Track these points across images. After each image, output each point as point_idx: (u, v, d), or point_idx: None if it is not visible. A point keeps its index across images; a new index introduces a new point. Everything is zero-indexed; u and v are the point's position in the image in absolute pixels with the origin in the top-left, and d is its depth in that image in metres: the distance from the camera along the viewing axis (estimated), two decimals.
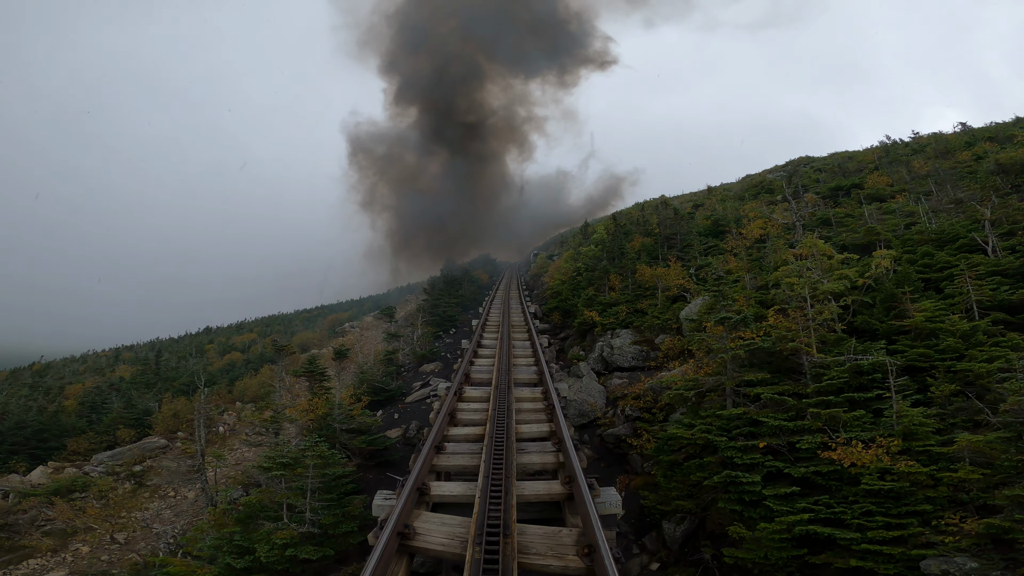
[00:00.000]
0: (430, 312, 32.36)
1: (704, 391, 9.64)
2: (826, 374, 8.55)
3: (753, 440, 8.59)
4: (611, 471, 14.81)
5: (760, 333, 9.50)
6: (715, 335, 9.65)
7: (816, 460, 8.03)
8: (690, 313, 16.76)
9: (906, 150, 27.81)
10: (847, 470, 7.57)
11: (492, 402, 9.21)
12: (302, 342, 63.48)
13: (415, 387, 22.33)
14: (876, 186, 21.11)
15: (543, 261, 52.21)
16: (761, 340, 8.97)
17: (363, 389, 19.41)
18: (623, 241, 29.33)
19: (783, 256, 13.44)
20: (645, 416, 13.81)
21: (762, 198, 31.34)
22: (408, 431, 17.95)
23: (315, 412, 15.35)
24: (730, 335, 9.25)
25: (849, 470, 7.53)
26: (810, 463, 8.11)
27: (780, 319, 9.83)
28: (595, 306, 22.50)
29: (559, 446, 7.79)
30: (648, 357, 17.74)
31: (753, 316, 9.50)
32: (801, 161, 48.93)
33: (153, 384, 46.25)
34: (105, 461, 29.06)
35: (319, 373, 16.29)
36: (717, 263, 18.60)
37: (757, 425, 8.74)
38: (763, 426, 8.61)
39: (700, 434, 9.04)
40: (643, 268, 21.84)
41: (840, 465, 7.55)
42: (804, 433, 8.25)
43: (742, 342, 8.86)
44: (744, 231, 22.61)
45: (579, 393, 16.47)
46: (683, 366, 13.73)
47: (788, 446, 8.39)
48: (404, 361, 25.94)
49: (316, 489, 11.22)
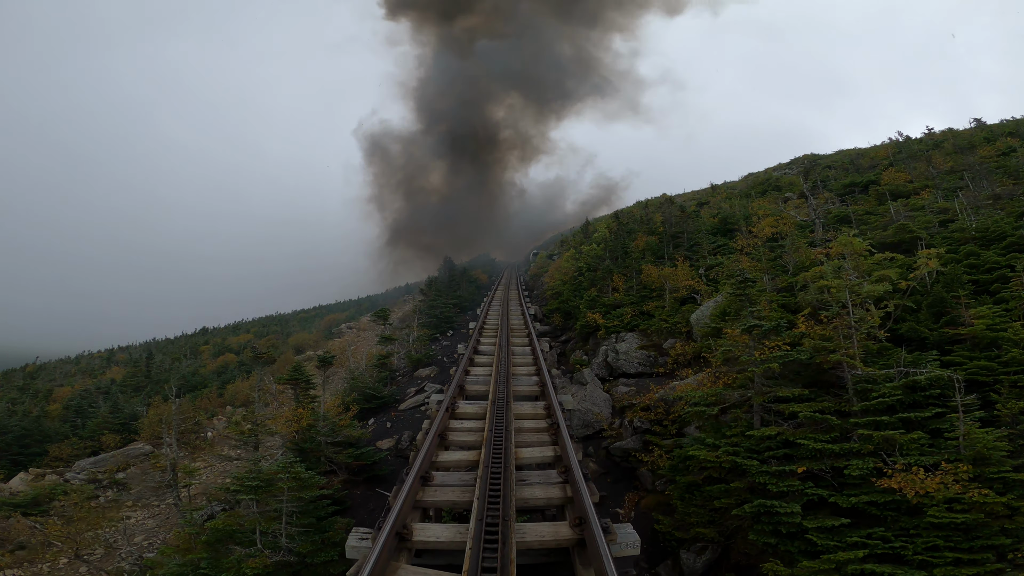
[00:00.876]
0: (427, 313, 31.23)
1: (728, 407, 8.52)
2: (874, 390, 7.43)
3: (789, 464, 7.48)
4: (619, 487, 13.69)
5: (791, 342, 8.37)
6: (739, 343, 8.53)
7: (867, 488, 6.93)
8: (702, 316, 15.64)
9: (920, 146, 26.72)
10: (907, 499, 6.47)
11: (489, 420, 8.08)
12: (298, 343, 62.32)
13: (409, 393, 21.18)
14: (894, 182, 20.01)
15: (543, 261, 51.07)
16: (797, 351, 7.85)
17: (353, 397, 18.26)
18: (626, 240, 28.20)
19: (808, 255, 12.32)
20: (656, 429, 12.68)
21: (770, 195, 30.23)
22: (400, 442, 16.81)
23: (300, 423, 14.25)
24: (758, 344, 8.14)
25: (909, 499, 6.43)
26: (859, 490, 7.01)
27: (812, 326, 8.72)
28: (598, 308, 21.37)
29: (566, 475, 6.66)
30: (656, 363, 16.61)
31: (786, 323, 8.37)
32: (807, 158, 47.82)
33: (143, 387, 45.07)
34: (87, 468, 27.90)
35: (304, 381, 15.15)
36: (729, 263, 17.47)
37: (793, 447, 7.62)
38: (801, 448, 7.50)
39: (726, 456, 7.92)
40: (649, 268, 20.72)
41: (900, 494, 6.45)
42: (853, 457, 7.13)
43: (776, 353, 7.74)
44: (755, 229, 21.49)
45: (583, 402, 15.34)
46: (698, 375, 12.60)
47: (833, 471, 7.28)
48: (399, 365, 24.80)
49: (293, 513, 10.11)
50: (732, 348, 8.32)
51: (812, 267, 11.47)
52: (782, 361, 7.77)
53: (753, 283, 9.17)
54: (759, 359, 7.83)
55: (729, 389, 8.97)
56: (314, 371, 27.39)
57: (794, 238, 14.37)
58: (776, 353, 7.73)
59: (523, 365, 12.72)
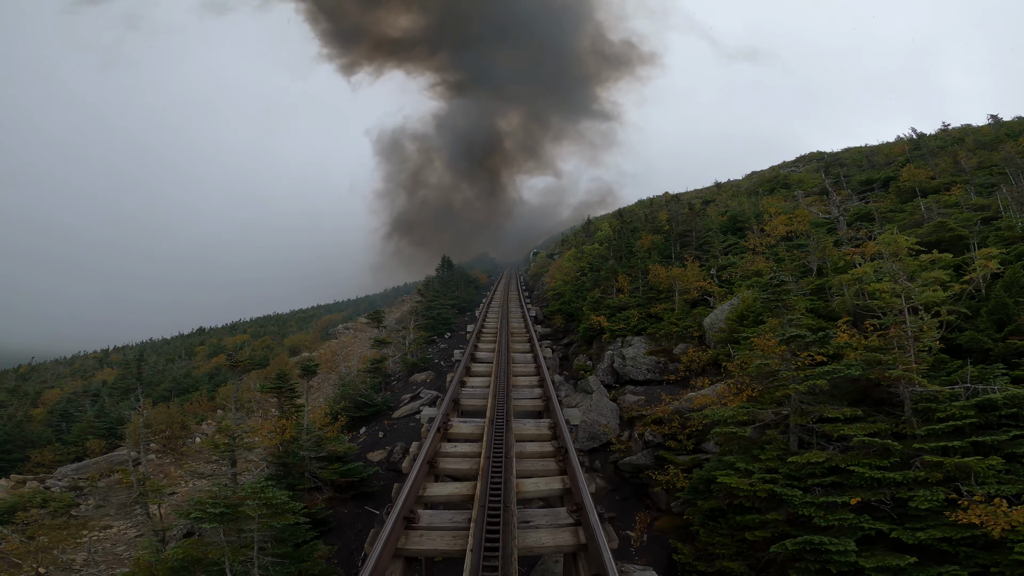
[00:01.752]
0: (423, 315, 30.12)
1: (762, 426, 7.44)
2: (938, 409, 6.37)
3: (840, 495, 6.41)
4: (629, 506, 12.59)
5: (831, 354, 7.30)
6: (775, 355, 7.45)
7: (934, 520, 5.88)
8: (716, 320, 14.57)
9: (936, 142, 25.65)
10: (986, 534, 5.43)
11: (486, 444, 6.99)
12: (294, 344, 61.18)
13: (404, 399, 20.08)
14: (915, 179, 18.94)
15: (543, 260, 49.94)
16: (845, 365, 6.77)
17: (342, 405, 17.16)
18: (630, 239, 27.12)
19: (840, 256, 11.24)
20: (670, 444, 11.60)
21: (779, 193, 29.17)
22: (393, 454, 15.69)
23: (283, 435, 13.17)
24: (797, 357, 7.06)
25: (992, 534, 5.39)
26: (926, 523, 5.95)
27: (854, 335, 7.65)
28: (602, 310, 20.28)
29: (578, 515, 5.57)
30: (666, 369, 15.53)
31: (824, 333, 7.27)
32: (813, 156, 46.77)
33: (133, 389, 43.93)
34: (69, 475, 26.84)
35: (289, 389, 14.04)
36: (743, 263, 16.40)
37: (843, 474, 6.55)
38: (853, 476, 6.44)
39: (761, 485, 6.84)
40: (657, 268, 19.63)
41: (981, 529, 5.40)
42: (918, 487, 6.07)
43: (822, 368, 6.66)
44: (767, 228, 20.42)
45: (589, 412, 14.24)
46: (716, 385, 11.53)
47: (894, 503, 6.22)
48: (394, 369, 23.70)
49: (267, 540, 9.02)
50: (767, 361, 7.23)
51: (845, 268, 10.43)
52: (831, 377, 6.69)
53: (788, 286, 8.19)
54: (801, 374, 6.75)
55: (759, 405, 7.89)
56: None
57: (819, 237, 13.29)
58: (822, 368, 6.65)
59: (524, 375, 11.62)
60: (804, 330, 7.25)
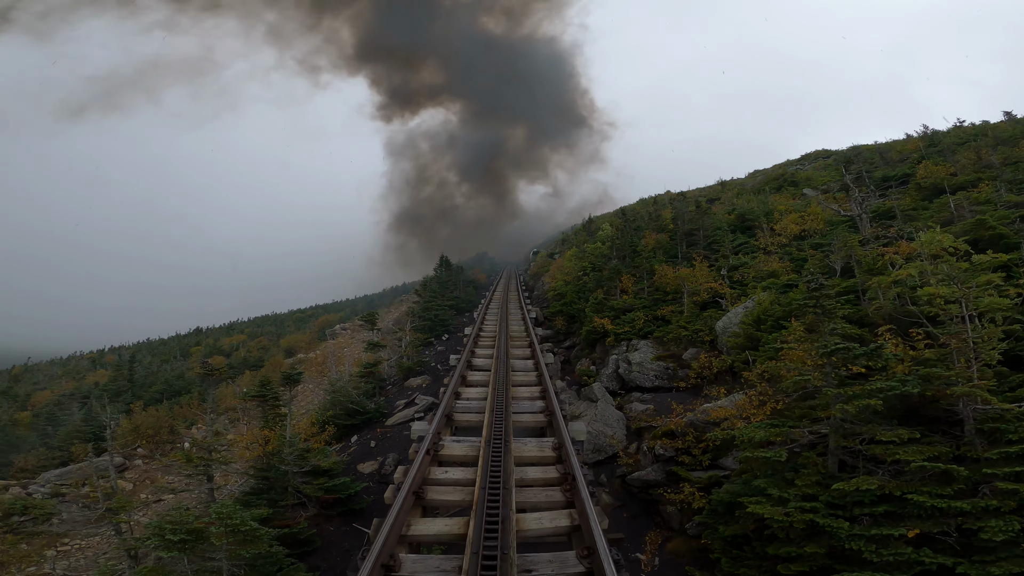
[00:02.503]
0: (421, 316, 29.19)
1: (797, 448, 6.53)
2: (1008, 430, 5.47)
3: (894, 526, 5.51)
4: (638, 524, 11.68)
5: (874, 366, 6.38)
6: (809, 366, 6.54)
7: (1008, 552, 5.00)
8: (729, 324, 13.66)
9: (952, 138, 24.75)
10: None
11: (482, 470, 6.07)
12: (290, 345, 60.24)
13: (398, 406, 19.15)
14: (935, 175, 18.03)
15: (543, 260, 49.00)
16: (899, 381, 5.85)
17: (332, 413, 16.23)
18: (633, 238, 26.20)
19: (876, 256, 10.33)
20: (684, 460, 10.68)
21: (787, 191, 28.27)
22: (384, 465, 14.78)
23: (266, 447, 12.26)
24: (839, 372, 6.15)
25: None
26: (997, 555, 5.08)
27: (900, 345, 6.74)
28: (606, 312, 19.37)
29: (590, 561, 4.65)
30: (676, 376, 14.62)
31: (876, 346, 6.34)
32: (819, 154, 45.86)
33: (125, 392, 42.94)
34: (52, 481, 25.94)
35: (273, 396, 13.13)
36: (756, 263, 15.50)
37: (895, 502, 5.66)
38: (909, 505, 5.55)
39: (799, 516, 5.93)
40: (664, 269, 18.73)
41: None
42: (989, 516, 5.19)
43: (874, 385, 5.75)
44: (777, 227, 19.52)
45: (594, 422, 13.33)
46: (734, 396, 10.61)
47: (959, 534, 5.34)
48: (389, 373, 22.77)
49: (238, 567, 8.13)
50: (807, 377, 6.30)
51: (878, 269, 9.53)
52: (886, 395, 5.78)
53: (829, 290, 7.32)
54: (848, 392, 5.83)
55: (790, 422, 6.97)
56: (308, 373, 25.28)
57: (843, 235, 12.38)
58: (873, 386, 5.73)
59: (525, 384, 10.69)
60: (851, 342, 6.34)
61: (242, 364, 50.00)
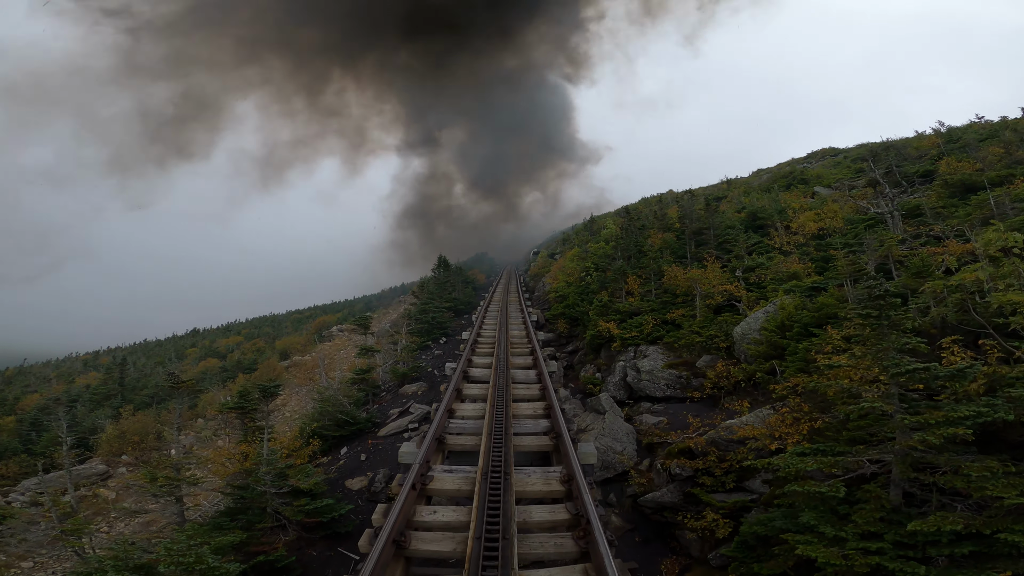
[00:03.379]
0: (417, 319, 28.09)
1: (854, 477, 5.48)
2: None
3: (977, 569, 4.48)
4: (651, 550, 10.59)
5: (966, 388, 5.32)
6: (868, 386, 5.50)
7: None
8: (749, 330, 12.59)
9: (972, 135, 23.71)
10: None
11: (476, 514, 5.01)
12: (285, 347, 59.11)
13: (392, 415, 18.08)
14: (960, 171, 17.00)
15: (544, 260, 47.91)
16: (988, 406, 4.80)
17: (319, 425, 15.15)
18: (639, 237, 25.14)
19: (925, 257, 9.28)
20: (704, 481, 9.62)
21: (797, 189, 27.24)
22: (375, 482, 13.69)
23: (244, 463, 11.21)
24: (909, 391, 5.11)
25: None
26: None
27: (971, 360, 5.70)
28: (611, 315, 18.31)
29: None
30: (689, 385, 13.56)
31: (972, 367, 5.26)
32: (825, 152, 44.83)
33: (114, 395, 41.83)
34: (32, 489, 24.88)
35: (253, 408, 12.08)
36: (774, 264, 14.45)
37: (979, 540, 4.63)
38: (998, 544, 4.54)
39: (862, 559, 4.89)
40: (673, 270, 17.68)
41: None
42: None
43: (959, 412, 4.71)
44: (793, 225, 18.48)
45: (602, 437, 12.26)
46: (761, 411, 9.54)
47: None
48: (383, 379, 21.70)
49: None
50: (874, 404, 5.22)
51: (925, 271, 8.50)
52: (976, 423, 4.73)
53: (896, 298, 6.32)
54: (930, 419, 4.77)
55: (837, 447, 5.90)
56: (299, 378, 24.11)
57: (880, 234, 11.33)
58: (959, 411, 4.68)
59: (527, 399, 9.62)
60: (917, 358, 5.28)
61: (236, 367, 48.89)
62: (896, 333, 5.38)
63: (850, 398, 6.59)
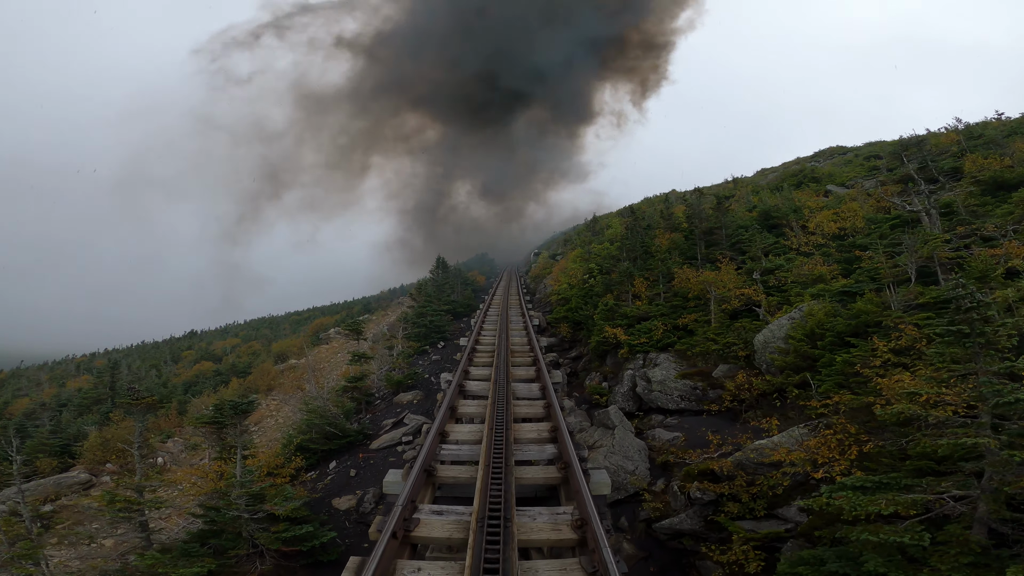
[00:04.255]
0: (414, 322, 27.02)
1: (936, 516, 4.45)
2: None
3: None
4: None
5: None
6: (950, 414, 4.47)
7: None
8: (772, 338, 11.53)
9: (994, 131, 22.68)
10: None
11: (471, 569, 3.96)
12: (281, 350, 58.01)
13: (385, 426, 17.01)
14: (989, 168, 16.00)
15: (545, 261, 46.84)
16: None
17: (305, 438, 14.09)
18: (645, 237, 24.09)
19: (987, 261, 8.23)
20: (730, 509, 8.55)
21: (808, 187, 26.20)
22: (363, 503, 12.61)
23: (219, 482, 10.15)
24: (1009, 421, 4.09)
25: None
26: None
27: None
28: (618, 320, 17.27)
29: None
30: (705, 397, 12.50)
31: None
32: (834, 150, 43.77)
33: (104, 400, 40.69)
34: (11, 498, 23.78)
35: (227, 424, 11.02)
36: (797, 266, 13.41)
37: None
38: None
39: None
40: (685, 272, 16.64)
41: None
42: None
43: None
44: (811, 225, 17.45)
45: (611, 455, 11.20)
46: (796, 430, 8.47)
47: None
48: (377, 385, 20.64)
49: None
50: (967, 439, 4.17)
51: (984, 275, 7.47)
52: None
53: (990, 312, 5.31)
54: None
55: (903, 478, 4.86)
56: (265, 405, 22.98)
57: (924, 234, 10.29)
58: None
59: (531, 420, 8.52)
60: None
61: (230, 371, 47.78)
62: (990, 353, 4.35)
63: (907, 421, 5.56)
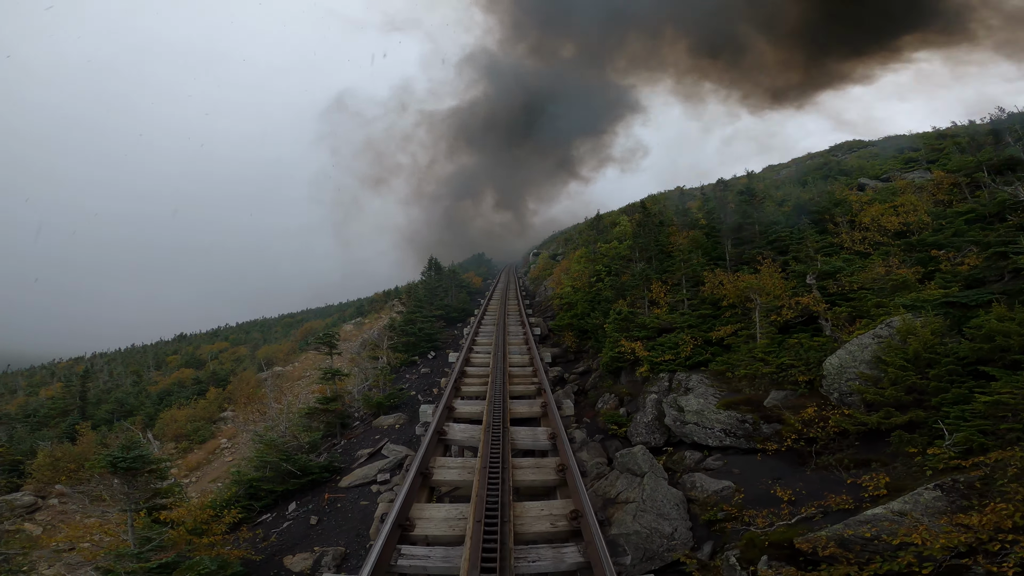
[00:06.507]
0: (402, 330, 24.30)
1: None
2: None
3: None
4: None
5: None
6: None
7: None
8: (849, 361, 8.88)
9: None
10: None
11: None
12: (267, 356, 55.12)
13: (359, 457, 14.26)
14: None
15: (545, 262, 44.15)
16: None
17: (253, 478, 11.37)
18: (660, 235, 21.46)
19: None
20: None
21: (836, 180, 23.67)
22: (320, 566, 9.89)
23: (97, 555, 7.54)
24: None
25: None
26: None
27: None
28: (635, 331, 14.62)
29: None
30: (757, 432, 9.89)
31: None
32: (851, 145, 41.31)
33: (72, 411, 37.73)
34: None
35: (143, 462, 8.34)
36: (871, 268, 10.80)
37: None
38: None
39: None
40: (718, 275, 14.02)
41: None
42: None
43: None
44: (865, 220, 14.86)
45: (642, 514, 8.53)
46: (921, 495, 5.83)
47: None
48: (354, 406, 17.92)
49: None
50: None
51: None
52: None
53: None
54: None
55: None
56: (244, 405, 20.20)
57: None
58: None
59: (540, 495, 5.85)
60: None
61: (210, 379, 44.78)
62: None
63: None
